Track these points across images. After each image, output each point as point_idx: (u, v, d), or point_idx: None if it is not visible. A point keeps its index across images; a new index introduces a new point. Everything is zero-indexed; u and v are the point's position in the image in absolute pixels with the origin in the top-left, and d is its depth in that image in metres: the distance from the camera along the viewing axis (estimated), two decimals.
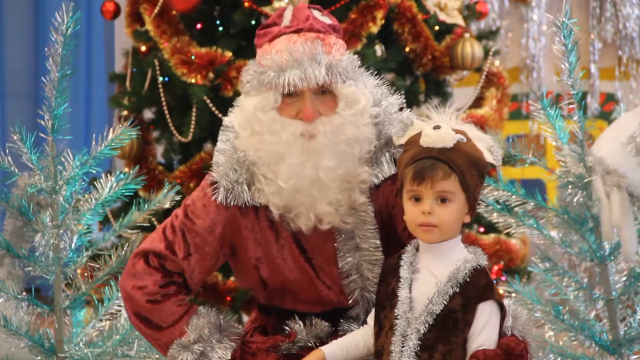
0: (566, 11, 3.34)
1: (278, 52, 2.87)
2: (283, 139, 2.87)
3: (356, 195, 2.91)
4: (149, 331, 3.00)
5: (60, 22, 3.34)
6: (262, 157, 2.91)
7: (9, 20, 7.42)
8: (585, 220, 3.53)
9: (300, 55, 2.84)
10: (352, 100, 2.90)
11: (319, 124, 2.87)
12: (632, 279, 3.58)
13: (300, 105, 2.88)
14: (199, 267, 3.00)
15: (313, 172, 2.87)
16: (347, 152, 2.89)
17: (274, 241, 2.99)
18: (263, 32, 2.95)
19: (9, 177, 3.50)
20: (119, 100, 5.53)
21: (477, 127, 2.86)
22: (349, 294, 2.99)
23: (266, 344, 2.99)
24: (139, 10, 5.43)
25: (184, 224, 2.99)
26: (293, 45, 2.87)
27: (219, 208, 2.97)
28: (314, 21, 2.91)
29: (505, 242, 5.52)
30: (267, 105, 2.88)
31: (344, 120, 2.88)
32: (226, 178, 2.95)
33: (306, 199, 2.89)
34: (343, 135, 2.87)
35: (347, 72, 2.90)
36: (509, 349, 2.72)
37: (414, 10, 5.28)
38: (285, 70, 2.85)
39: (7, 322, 3.50)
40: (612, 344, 3.56)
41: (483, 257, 2.76)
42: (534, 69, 7.26)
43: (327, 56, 2.87)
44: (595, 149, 3.45)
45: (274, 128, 2.87)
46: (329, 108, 2.89)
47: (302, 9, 2.94)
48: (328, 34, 2.92)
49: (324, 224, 2.92)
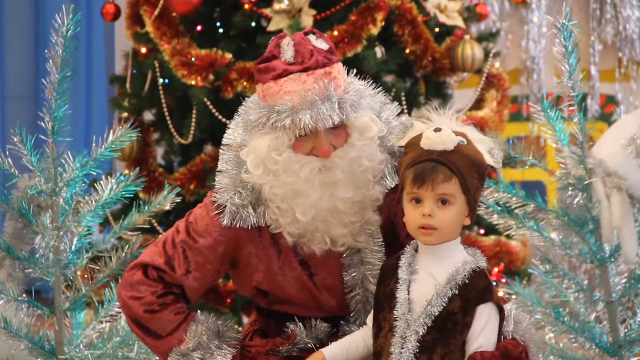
0: (566, 13, 3.34)
1: (288, 93, 2.83)
2: (302, 177, 2.85)
3: (369, 214, 2.91)
4: (148, 339, 3.00)
5: (60, 24, 3.34)
6: (277, 194, 2.88)
7: (9, 23, 7.42)
8: (585, 223, 3.53)
9: (314, 98, 2.81)
10: (364, 130, 2.88)
11: (335, 159, 2.86)
12: (632, 281, 3.58)
13: (314, 142, 2.86)
14: (198, 283, 2.99)
15: (331, 203, 2.86)
16: (363, 180, 2.89)
17: (275, 259, 2.98)
18: (264, 67, 2.88)
19: (10, 179, 3.50)
20: (120, 102, 5.53)
21: (477, 130, 2.86)
22: (352, 307, 2.99)
23: (266, 348, 2.98)
24: (139, 12, 5.43)
25: (185, 242, 2.98)
26: (304, 85, 2.82)
27: (223, 229, 2.96)
28: (317, 55, 2.86)
29: (505, 244, 5.52)
30: (281, 146, 2.86)
31: (359, 153, 2.87)
32: (232, 202, 2.93)
33: (322, 225, 2.89)
34: (360, 167, 2.87)
35: (357, 104, 2.88)
36: (506, 351, 2.71)
37: (414, 12, 5.28)
38: (299, 113, 2.81)
39: (7, 324, 3.50)
40: (612, 346, 3.56)
41: (482, 260, 2.76)
42: (535, 71, 7.26)
43: (337, 93, 2.84)
44: (596, 151, 3.45)
45: (293, 168, 2.85)
46: (342, 139, 2.88)
47: (304, 44, 2.87)
48: (331, 65, 2.88)
49: (339, 246, 2.92)
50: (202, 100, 5.09)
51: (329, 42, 2.92)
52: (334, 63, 2.88)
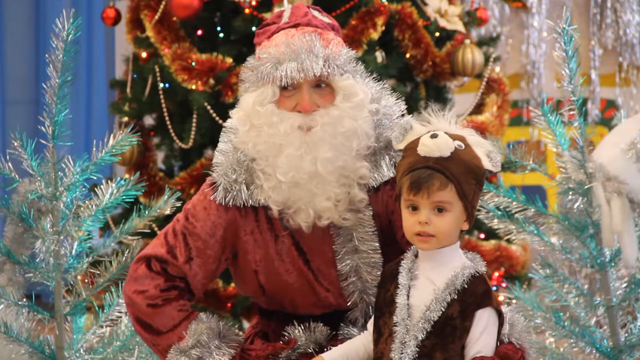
0: (566, 18, 3.34)
1: (276, 45, 2.90)
2: (281, 131, 2.87)
3: (355, 191, 2.92)
4: (149, 336, 3.00)
5: (61, 29, 3.34)
6: (260, 150, 2.91)
7: (9, 27, 7.43)
8: (585, 227, 3.53)
9: (298, 48, 2.86)
10: (350, 93, 2.90)
11: (316, 116, 2.88)
12: (632, 285, 3.58)
13: (298, 98, 2.89)
14: (201, 271, 3.00)
15: (311, 166, 2.87)
16: (345, 144, 2.89)
17: (272, 243, 2.99)
18: (262, 30, 2.98)
19: (10, 184, 3.50)
20: (120, 106, 5.53)
21: (476, 132, 2.85)
22: (347, 296, 2.99)
23: (265, 352, 2.98)
24: (139, 17, 5.43)
25: (185, 227, 3.00)
26: (290, 38, 2.89)
27: (219, 210, 2.98)
28: (312, 18, 2.94)
29: (505, 249, 5.53)
30: (265, 99, 2.90)
31: (342, 113, 2.88)
32: (225, 177, 2.96)
33: (305, 194, 2.89)
34: (341, 128, 2.88)
35: (345, 66, 2.91)
36: (506, 357, 2.71)
37: (414, 17, 5.29)
38: (283, 63, 2.86)
39: (7, 329, 3.50)
40: (612, 350, 3.56)
41: (482, 264, 2.76)
42: (535, 76, 7.27)
43: (324, 49, 2.88)
44: (596, 156, 3.45)
45: (272, 120, 2.88)
46: (327, 101, 2.90)
47: (300, 7, 2.96)
48: (326, 30, 2.95)
49: (323, 219, 2.92)
50: (203, 105, 5.09)
51: (333, 20, 3.00)
52: (330, 31, 2.94)
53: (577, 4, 7.24)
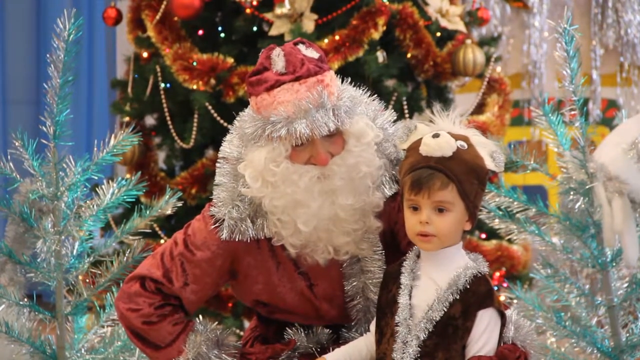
0: (568, 17, 3.34)
1: (281, 103, 2.83)
2: (301, 187, 2.84)
3: (371, 221, 2.90)
4: (147, 350, 3.00)
5: (62, 29, 3.34)
6: (278, 205, 2.87)
7: (10, 27, 7.43)
8: (586, 227, 3.52)
9: (308, 106, 2.81)
10: (360, 135, 2.88)
11: (333, 166, 2.85)
12: (633, 285, 3.57)
13: (311, 151, 2.85)
14: (196, 296, 3.00)
15: (332, 211, 2.86)
16: (362, 185, 2.88)
17: (274, 270, 2.98)
18: (256, 79, 2.87)
19: (11, 184, 3.50)
20: (121, 106, 5.54)
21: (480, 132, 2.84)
22: (352, 315, 2.98)
23: (265, 355, 2.98)
24: (140, 17, 5.44)
25: (183, 254, 2.98)
26: (297, 94, 2.82)
27: (221, 242, 2.95)
28: (308, 64, 2.85)
29: (507, 249, 5.52)
30: (278, 157, 2.85)
31: (357, 159, 2.86)
32: (229, 216, 2.92)
33: (324, 234, 2.88)
34: (358, 173, 2.86)
35: (351, 110, 2.88)
36: (503, 357, 2.71)
37: (415, 17, 5.29)
38: (294, 122, 2.80)
39: (8, 329, 3.49)
40: (613, 350, 3.56)
41: (484, 264, 2.76)
42: (536, 75, 7.27)
43: (330, 100, 2.84)
44: (597, 156, 3.45)
45: (292, 178, 2.84)
46: (338, 146, 2.87)
47: (294, 53, 2.86)
48: (323, 72, 2.87)
49: (342, 254, 2.91)
50: (204, 105, 5.09)
51: (319, 50, 2.92)
52: (325, 71, 2.88)
53: (578, 4, 7.24)
